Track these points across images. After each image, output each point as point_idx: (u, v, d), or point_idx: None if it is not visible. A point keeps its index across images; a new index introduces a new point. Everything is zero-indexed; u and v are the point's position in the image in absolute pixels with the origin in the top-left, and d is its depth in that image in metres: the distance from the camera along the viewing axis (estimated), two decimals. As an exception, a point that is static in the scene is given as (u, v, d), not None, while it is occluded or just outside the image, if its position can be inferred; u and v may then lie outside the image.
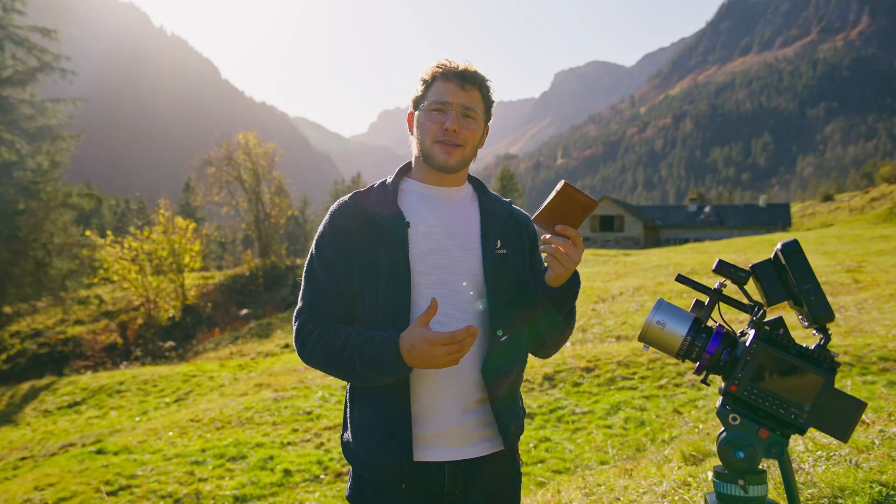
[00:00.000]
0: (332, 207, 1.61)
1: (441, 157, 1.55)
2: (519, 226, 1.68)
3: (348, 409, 1.62)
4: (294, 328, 1.57)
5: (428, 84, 1.59)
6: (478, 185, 1.71)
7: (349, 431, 1.61)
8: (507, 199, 1.72)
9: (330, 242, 1.57)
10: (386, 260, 1.52)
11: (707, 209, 51.39)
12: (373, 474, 1.55)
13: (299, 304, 1.59)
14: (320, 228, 1.61)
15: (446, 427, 1.53)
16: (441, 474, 1.53)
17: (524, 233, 1.69)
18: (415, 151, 1.64)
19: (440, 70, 1.58)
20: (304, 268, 1.61)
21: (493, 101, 1.64)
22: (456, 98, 1.55)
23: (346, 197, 1.61)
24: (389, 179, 1.64)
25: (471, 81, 1.57)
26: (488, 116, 1.64)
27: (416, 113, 1.61)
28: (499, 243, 1.60)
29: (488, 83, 1.62)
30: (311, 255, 1.60)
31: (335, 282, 1.55)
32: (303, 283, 1.60)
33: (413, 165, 1.68)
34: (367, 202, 1.57)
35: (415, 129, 1.62)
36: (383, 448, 1.51)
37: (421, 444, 1.53)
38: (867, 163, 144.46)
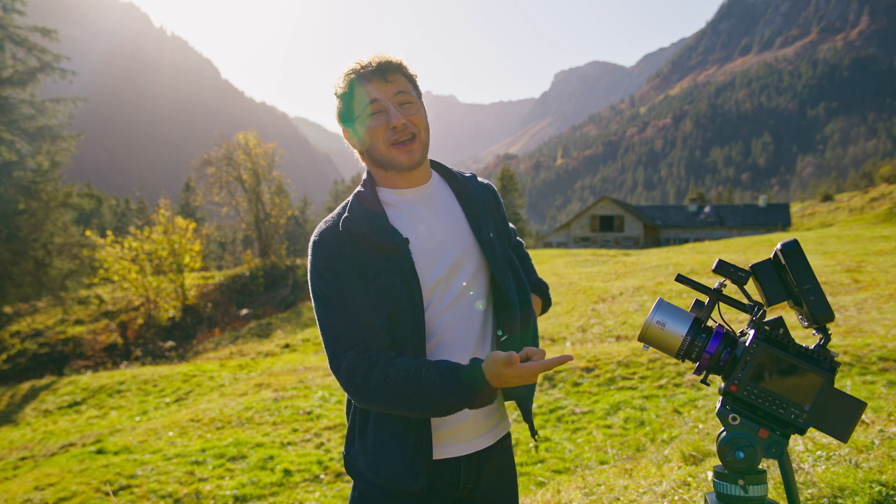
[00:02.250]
0: (320, 239, 1.48)
1: (403, 157, 1.49)
2: (490, 201, 1.68)
3: (358, 429, 1.54)
4: (342, 371, 1.42)
5: (349, 94, 1.49)
6: (442, 170, 1.66)
7: (359, 453, 1.53)
8: (470, 173, 1.69)
9: (337, 273, 1.45)
10: (398, 280, 1.46)
11: (707, 209, 51.41)
12: (388, 497, 1.50)
13: (333, 343, 1.44)
14: (316, 263, 1.47)
15: (463, 423, 1.54)
16: (457, 470, 1.54)
17: (495, 206, 1.70)
18: (370, 163, 1.57)
19: (354, 75, 1.48)
20: (319, 306, 1.46)
21: (415, 75, 1.56)
22: (385, 92, 1.47)
23: (338, 226, 1.49)
24: (365, 195, 1.54)
25: (391, 70, 1.49)
26: (419, 92, 1.56)
27: (355, 126, 1.51)
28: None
29: (404, 62, 1.53)
30: (321, 291, 1.46)
31: (362, 310, 1.44)
32: (325, 321, 1.45)
33: (375, 176, 1.58)
34: (358, 227, 1.47)
35: (361, 142, 1.53)
36: (406, 473, 1.47)
37: (438, 443, 1.52)
38: (867, 163, 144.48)
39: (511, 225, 1.85)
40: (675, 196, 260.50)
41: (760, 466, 1.22)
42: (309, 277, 1.49)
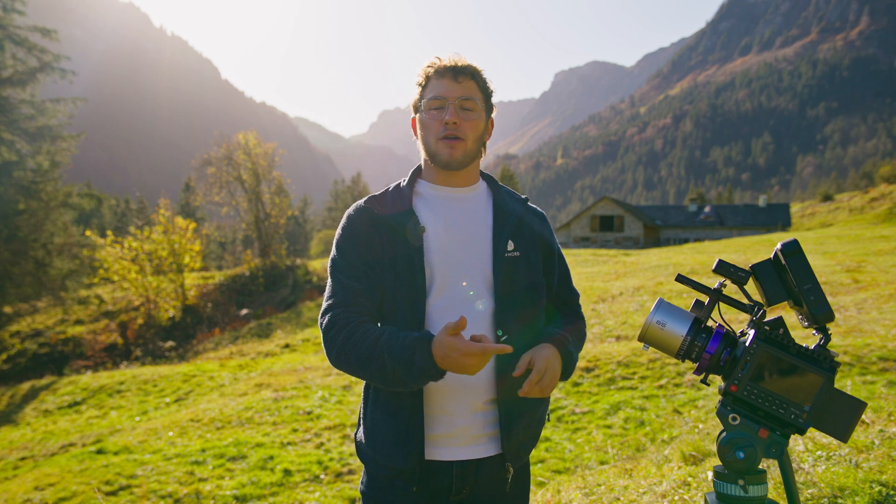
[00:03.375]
0: (349, 211, 1.63)
1: (445, 152, 1.56)
2: (533, 226, 1.69)
3: (362, 409, 1.64)
4: (322, 325, 1.54)
5: (423, 86, 1.61)
6: (492, 183, 1.72)
7: (362, 432, 1.62)
8: (524, 196, 1.74)
9: (349, 243, 1.58)
10: (403, 263, 1.53)
11: (707, 209, 51.41)
12: (385, 475, 1.56)
13: (326, 301, 1.57)
14: (339, 231, 1.62)
15: (455, 427, 1.54)
16: (449, 474, 1.54)
17: (538, 233, 1.69)
18: (422, 154, 1.66)
19: (432, 69, 1.59)
20: (329, 269, 1.61)
21: (491, 91, 1.64)
22: (451, 92, 1.56)
23: (362, 201, 1.63)
24: (404, 182, 1.66)
25: (463, 73, 1.58)
26: (489, 107, 1.64)
27: (419, 116, 1.62)
28: (511, 245, 1.60)
29: (483, 73, 1.62)
30: (333, 257, 1.61)
31: (359, 280, 1.55)
32: (329, 282, 1.60)
33: (423, 168, 1.69)
34: (382, 207, 1.59)
35: (419, 132, 1.63)
36: (398, 451, 1.52)
37: (430, 443, 1.54)
38: (867, 163, 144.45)
39: (577, 291, 1.79)
40: (675, 196, 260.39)
41: (760, 466, 1.22)
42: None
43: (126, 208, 59.82)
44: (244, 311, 23.36)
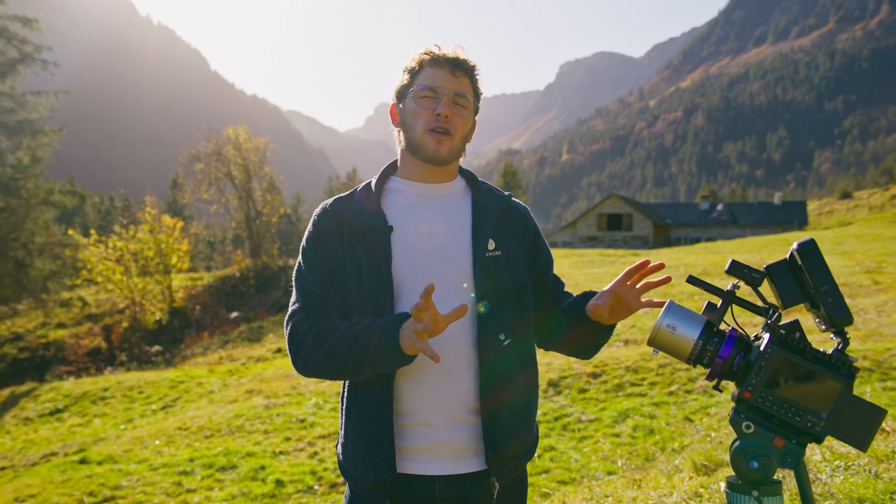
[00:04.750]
0: (315, 213, 1.63)
1: (432, 145, 1.54)
2: (516, 223, 1.66)
3: (341, 421, 1.63)
4: (287, 332, 1.54)
5: (415, 72, 1.59)
6: (470, 179, 1.70)
7: (340, 444, 1.62)
8: (507, 193, 1.70)
9: (314, 247, 1.58)
10: (369, 265, 1.51)
11: (719, 207, 51.50)
12: (362, 488, 1.55)
13: (290, 308, 1.58)
14: (305, 235, 1.62)
15: (437, 441, 1.51)
16: (431, 489, 1.52)
17: (522, 231, 1.67)
18: (401, 145, 1.64)
19: (428, 56, 1.58)
20: (294, 276, 1.61)
21: (481, 92, 1.64)
22: (447, 84, 1.55)
23: (328, 202, 1.62)
24: (374, 180, 1.64)
25: (462, 68, 1.57)
26: (476, 108, 1.64)
27: (404, 103, 1.60)
28: (492, 244, 1.57)
29: (477, 73, 1.62)
30: (298, 263, 1.61)
31: (323, 285, 1.55)
32: (293, 289, 1.61)
33: (399, 162, 1.67)
34: (347, 208, 1.57)
35: (402, 121, 1.61)
36: (367, 461, 1.51)
37: (410, 456, 1.52)
38: (887, 158, 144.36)
39: (562, 282, 1.79)
40: (687, 193, 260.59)
41: (776, 477, 1.23)
42: None
43: (110, 206, 59.84)
44: (234, 314, 23.37)
